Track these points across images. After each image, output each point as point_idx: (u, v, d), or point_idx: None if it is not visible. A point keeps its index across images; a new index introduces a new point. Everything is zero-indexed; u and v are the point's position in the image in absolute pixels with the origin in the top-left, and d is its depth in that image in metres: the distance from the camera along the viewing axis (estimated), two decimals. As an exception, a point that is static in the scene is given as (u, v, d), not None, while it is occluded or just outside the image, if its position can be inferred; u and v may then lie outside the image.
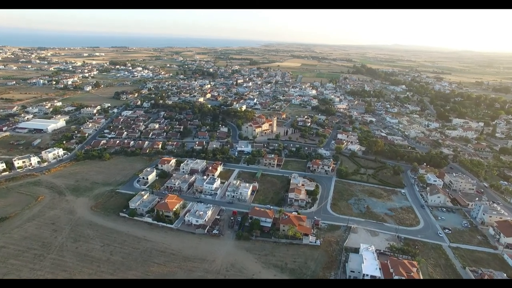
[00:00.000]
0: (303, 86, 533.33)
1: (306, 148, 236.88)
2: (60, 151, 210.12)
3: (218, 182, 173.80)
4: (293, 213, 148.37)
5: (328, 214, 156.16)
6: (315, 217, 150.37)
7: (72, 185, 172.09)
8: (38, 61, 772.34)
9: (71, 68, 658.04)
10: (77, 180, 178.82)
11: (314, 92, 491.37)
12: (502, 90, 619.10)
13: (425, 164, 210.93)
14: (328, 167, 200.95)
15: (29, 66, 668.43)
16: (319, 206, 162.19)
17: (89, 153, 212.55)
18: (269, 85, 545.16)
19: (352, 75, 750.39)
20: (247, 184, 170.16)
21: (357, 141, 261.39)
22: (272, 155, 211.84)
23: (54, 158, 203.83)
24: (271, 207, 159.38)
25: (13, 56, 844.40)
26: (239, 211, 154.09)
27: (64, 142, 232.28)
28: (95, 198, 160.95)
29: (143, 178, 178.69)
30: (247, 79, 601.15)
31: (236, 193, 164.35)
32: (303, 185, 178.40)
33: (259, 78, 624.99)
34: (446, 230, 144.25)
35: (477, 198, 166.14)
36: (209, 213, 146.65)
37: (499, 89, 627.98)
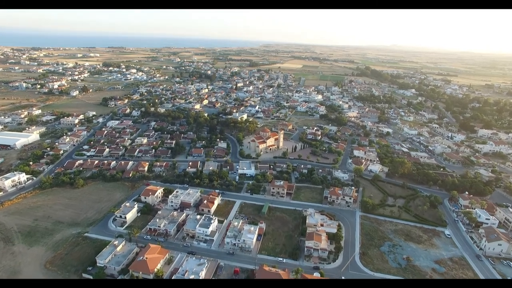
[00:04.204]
0: (308, 91, 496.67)
1: (320, 170, 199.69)
2: (22, 176, 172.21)
3: (214, 224, 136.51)
4: (315, 274, 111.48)
5: (359, 271, 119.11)
6: (343, 277, 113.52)
7: (28, 227, 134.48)
8: (27, 62, 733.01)
9: (61, 70, 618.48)
10: (36, 218, 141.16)
11: (320, 97, 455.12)
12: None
13: (467, 193, 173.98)
14: (350, 198, 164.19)
15: (17, 68, 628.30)
16: (345, 259, 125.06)
17: (59, 179, 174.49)
18: (271, 89, 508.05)
19: (357, 78, 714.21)
20: (252, 228, 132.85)
21: (377, 159, 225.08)
22: (281, 182, 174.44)
23: (13, 186, 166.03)
24: (284, 260, 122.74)
25: (2, 57, 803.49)
26: (242, 268, 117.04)
27: (31, 162, 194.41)
28: (55, 247, 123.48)
29: (120, 216, 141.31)
30: (247, 82, 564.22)
31: (238, 240, 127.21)
32: (322, 225, 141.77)
33: (260, 81, 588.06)
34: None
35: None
36: (203, 274, 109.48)
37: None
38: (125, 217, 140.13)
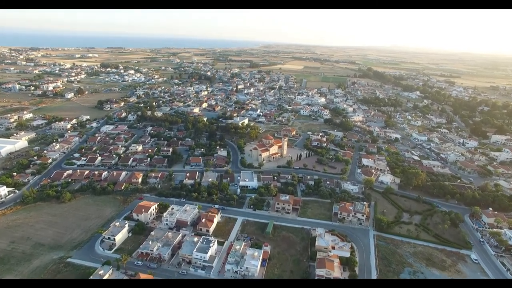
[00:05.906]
0: (310, 93, 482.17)
1: (328, 182, 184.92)
2: (3, 190, 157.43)
3: (214, 247, 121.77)
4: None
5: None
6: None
7: (2, 251, 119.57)
8: (24, 62, 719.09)
9: (57, 71, 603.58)
10: (13, 240, 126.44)
11: (323, 100, 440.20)
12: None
13: (490, 209, 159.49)
14: (362, 215, 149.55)
15: (12, 68, 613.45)
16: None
17: (44, 192, 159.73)
18: (272, 91, 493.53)
19: (360, 79, 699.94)
20: (256, 253, 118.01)
21: (387, 168, 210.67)
22: (287, 196, 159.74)
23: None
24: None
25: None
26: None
27: (15, 173, 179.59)
28: (30, 277, 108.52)
29: (109, 238, 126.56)
30: (248, 84, 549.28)
31: (241, 268, 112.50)
32: (333, 247, 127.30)
33: (261, 83, 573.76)
34: None
35: None
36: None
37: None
38: (114, 239, 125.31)
